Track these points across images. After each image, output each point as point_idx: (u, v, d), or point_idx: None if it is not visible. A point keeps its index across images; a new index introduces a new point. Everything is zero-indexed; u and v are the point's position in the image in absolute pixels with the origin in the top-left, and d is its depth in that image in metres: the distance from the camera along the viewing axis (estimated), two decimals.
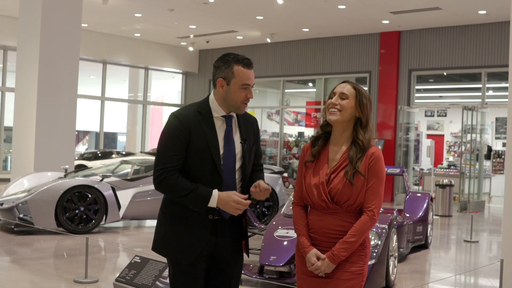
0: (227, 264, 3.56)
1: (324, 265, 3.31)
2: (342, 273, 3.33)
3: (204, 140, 3.41)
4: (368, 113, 3.40)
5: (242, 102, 3.49)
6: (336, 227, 3.34)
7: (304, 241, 3.40)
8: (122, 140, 32.83)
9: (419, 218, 9.62)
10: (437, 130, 24.87)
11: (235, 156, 3.49)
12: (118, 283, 5.96)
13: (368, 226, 3.30)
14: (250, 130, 3.61)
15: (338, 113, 3.37)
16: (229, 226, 3.52)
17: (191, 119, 3.43)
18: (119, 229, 10.95)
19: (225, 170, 3.44)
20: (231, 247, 3.54)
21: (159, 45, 23.38)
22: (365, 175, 3.30)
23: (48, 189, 9.83)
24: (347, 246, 3.28)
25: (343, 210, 3.34)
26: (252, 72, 3.52)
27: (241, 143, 3.52)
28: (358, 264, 3.33)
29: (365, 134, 3.37)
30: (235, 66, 3.45)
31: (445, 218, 14.42)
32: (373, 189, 3.30)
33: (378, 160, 3.34)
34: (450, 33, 17.92)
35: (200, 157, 3.41)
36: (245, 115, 3.63)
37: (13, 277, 7.22)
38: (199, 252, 3.44)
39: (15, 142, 12.89)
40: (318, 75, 20.98)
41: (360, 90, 3.42)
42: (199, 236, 3.44)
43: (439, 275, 8.24)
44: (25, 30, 12.76)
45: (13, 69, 14.84)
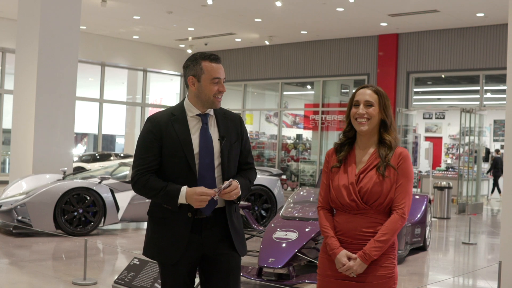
0: (220, 263, 3.55)
1: (356, 264, 3.27)
2: (369, 277, 3.29)
3: (176, 139, 3.48)
4: (391, 113, 3.45)
5: (214, 96, 3.53)
6: (365, 228, 3.32)
7: (333, 242, 3.37)
8: (120, 142, 32.81)
9: (418, 220, 9.62)
10: (435, 133, 24.91)
11: (212, 153, 3.51)
12: (116, 285, 5.97)
13: (399, 225, 3.27)
14: (232, 127, 3.62)
15: (367, 123, 3.39)
16: (212, 224, 3.52)
17: (162, 121, 3.51)
18: (117, 231, 10.95)
19: (202, 167, 3.48)
20: (219, 244, 3.53)
21: (158, 48, 23.39)
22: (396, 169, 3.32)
23: (47, 191, 9.83)
24: (379, 245, 3.25)
25: (372, 210, 3.32)
26: (221, 66, 3.57)
27: (219, 140, 3.54)
28: (389, 267, 3.31)
29: (391, 134, 3.40)
30: (203, 62, 3.53)
31: (443, 220, 14.42)
32: (403, 188, 3.30)
33: (406, 159, 3.35)
34: (448, 35, 17.95)
35: (174, 157, 3.48)
36: (226, 113, 3.66)
37: (11, 279, 7.22)
38: (182, 252, 3.46)
39: (14, 144, 12.88)
40: (316, 77, 20.99)
41: (382, 93, 3.45)
42: (181, 236, 3.47)
43: (437, 277, 8.25)
44: (24, 32, 12.76)
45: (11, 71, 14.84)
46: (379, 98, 3.41)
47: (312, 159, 20.99)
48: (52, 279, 7.21)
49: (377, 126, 3.42)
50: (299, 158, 21.24)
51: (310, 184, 20.12)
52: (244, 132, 3.68)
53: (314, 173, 20.58)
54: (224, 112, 3.66)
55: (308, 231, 7.02)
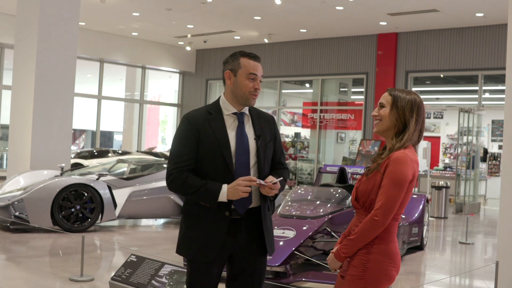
0: (248, 262, 3.58)
1: (329, 259, 3.36)
2: (346, 275, 3.32)
3: (214, 137, 3.49)
4: (407, 115, 3.34)
5: (250, 93, 3.55)
6: (354, 226, 3.35)
7: (340, 239, 3.46)
8: (118, 139, 32.79)
9: (415, 220, 9.62)
10: (433, 132, 24.91)
11: (248, 152, 3.53)
12: (113, 282, 5.96)
13: (368, 226, 3.20)
14: (266, 127, 3.65)
15: (378, 124, 3.40)
16: (247, 223, 3.55)
17: (200, 119, 3.53)
18: (114, 228, 10.94)
19: (238, 166, 3.50)
20: (251, 244, 3.56)
21: (157, 44, 23.37)
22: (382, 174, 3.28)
23: (44, 187, 9.82)
24: (346, 244, 3.27)
25: (362, 209, 3.34)
26: (259, 65, 3.59)
27: (255, 139, 3.56)
28: (358, 268, 3.26)
29: (399, 141, 3.32)
30: (242, 58, 3.56)
31: (441, 220, 14.44)
32: (383, 190, 3.22)
33: (395, 162, 3.24)
34: (447, 35, 17.95)
35: (211, 155, 3.50)
36: (260, 113, 3.70)
37: (8, 275, 7.21)
38: (218, 251, 3.49)
39: (11, 140, 12.87)
40: (315, 76, 20.99)
41: (397, 95, 3.37)
42: (217, 235, 3.49)
43: (434, 276, 8.25)
44: (22, 27, 12.74)
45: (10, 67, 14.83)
46: (393, 100, 3.35)
47: (310, 157, 20.99)
48: (49, 275, 7.21)
49: (393, 129, 3.37)
50: (297, 156, 21.24)
51: (308, 182, 20.11)
52: (277, 133, 3.72)
53: (312, 172, 20.57)
54: (258, 112, 3.70)
55: (306, 230, 7.02)
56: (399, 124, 3.35)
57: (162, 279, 5.62)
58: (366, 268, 3.24)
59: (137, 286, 5.71)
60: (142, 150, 23.12)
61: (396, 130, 3.36)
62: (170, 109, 27.81)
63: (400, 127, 3.35)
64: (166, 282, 5.57)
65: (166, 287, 5.52)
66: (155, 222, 11.99)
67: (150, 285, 5.62)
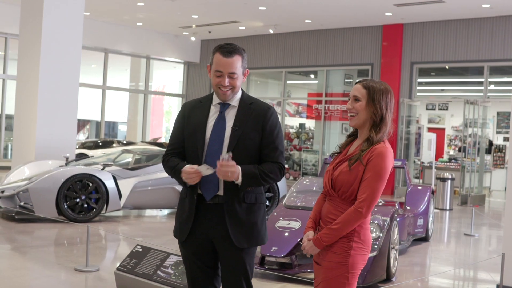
0: (221, 251, 3.63)
1: (308, 246, 3.43)
2: (324, 262, 3.40)
3: (194, 124, 3.63)
4: (383, 108, 3.41)
5: (218, 88, 3.59)
6: (330, 214, 3.42)
7: (308, 222, 3.56)
8: (122, 129, 32.82)
9: (420, 211, 9.62)
10: (438, 124, 24.86)
11: (222, 141, 3.56)
12: (119, 272, 5.96)
13: (352, 218, 3.30)
14: (252, 118, 3.61)
15: (355, 118, 3.45)
16: (213, 210, 3.59)
17: (189, 107, 3.74)
18: (119, 218, 10.95)
19: (209, 153, 3.57)
20: (219, 231, 3.59)
21: (161, 35, 23.33)
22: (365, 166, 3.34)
23: (49, 177, 9.82)
24: (328, 232, 3.34)
25: (339, 198, 3.40)
26: (229, 60, 3.57)
27: (232, 128, 3.57)
28: (341, 254, 3.34)
29: (377, 133, 3.39)
30: (216, 54, 3.62)
31: (446, 212, 14.43)
32: (367, 183, 3.31)
33: (379, 155, 3.33)
34: (453, 26, 17.88)
35: (188, 140, 3.65)
36: (253, 104, 3.67)
37: (13, 264, 7.22)
38: (188, 232, 3.61)
39: (16, 130, 12.87)
40: (320, 66, 20.94)
41: (372, 87, 3.43)
42: (188, 216, 3.62)
43: (439, 268, 8.24)
44: (27, 17, 12.72)
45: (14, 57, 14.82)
46: (368, 93, 3.42)
47: (314, 148, 20.99)
48: (54, 265, 7.22)
49: (369, 121, 3.43)
50: (302, 147, 21.22)
51: (312, 173, 20.11)
52: (269, 125, 3.62)
53: (317, 163, 20.57)
54: (251, 103, 3.67)
55: None
56: (375, 118, 3.41)
57: (167, 269, 5.63)
58: (349, 255, 3.35)
59: (142, 276, 5.72)
60: (147, 140, 23.14)
61: (372, 123, 3.43)
62: (175, 100, 27.79)
63: (377, 120, 3.41)
64: (171, 273, 5.57)
65: (172, 277, 5.52)
66: (159, 212, 12.00)
67: (156, 276, 5.63)
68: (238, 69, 3.59)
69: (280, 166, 3.64)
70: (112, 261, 7.79)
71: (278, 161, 3.64)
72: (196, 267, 3.69)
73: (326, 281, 3.38)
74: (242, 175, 3.47)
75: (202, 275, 3.70)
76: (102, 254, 8.11)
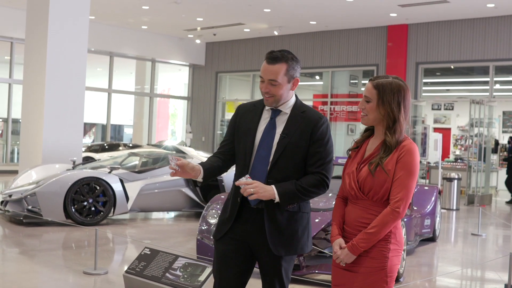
0: (260, 257, 3.61)
1: (343, 254, 3.30)
2: (361, 268, 3.29)
3: (245, 127, 3.63)
4: (395, 110, 3.31)
5: (263, 93, 3.60)
6: (361, 218, 3.31)
7: (333, 229, 3.43)
8: (128, 132, 32.87)
9: (427, 212, 9.61)
10: (443, 124, 24.81)
11: (270, 148, 3.53)
12: (128, 275, 5.98)
13: (390, 219, 3.21)
14: (301, 126, 3.54)
15: (366, 117, 3.38)
16: (255, 215, 3.56)
17: (244, 110, 3.75)
18: (126, 221, 10.97)
19: (257, 159, 3.55)
20: (259, 237, 3.56)
21: (166, 38, 23.37)
22: (390, 170, 3.25)
23: (57, 181, 9.86)
24: (366, 237, 3.23)
25: (369, 200, 3.30)
26: (270, 67, 3.54)
27: (280, 135, 3.54)
28: (380, 259, 3.26)
29: (392, 136, 3.30)
30: (264, 61, 3.60)
31: (452, 212, 14.41)
32: (400, 182, 3.22)
33: (408, 152, 3.26)
34: (458, 26, 17.87)
35: (238, 143, 3.67)
36: (305, 112, 3.60)
37: (22, 268, 7.24)
38: (225, 232, 3.61)
39: (23, 134, 12.91)
40: (325, 68, 20.95)
41: (383, 87, 3.33)
42: (229, 217, 3.62)
43: (447, 268, 8.24)
44: (33, 22, 12.77)
45: (20, 62, 14.86)
46: (379, 94, 3.32)
47: None
48: (63, 269, 7.24)
49: (383, 121, 3.34)
50: None
51: None
52: (318, 134, 3.54)
53: None
54: (303, 111, 3.61)
55: (319, 222, 7.02)
56: (388, 120, 3.32)
57: (176, 272, 5.63)
58: (387, 258, 3.26)
59: (151, 279, 5.73)
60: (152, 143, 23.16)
61: (386, 125, 3.33)
62: (180, 102, 27.82)
63: (390, 122, 3.32)
64: (180, 275, 5.58)
65: (180, 279, 5.53)
66: (166, 215, 12.02)
67: (165, 278, 5.64)
68: (281, 77, 3.52)
69: (323, 178, 3.52)
70: (120, 263, 7.81)
71: (320, 172, 3.52)
72: (226, 266, 3.63)
73: (364, 287, 3.29)
74: (279, 194, 3.41)
75: (230, 275, 3.64)
76: (110, 257, 8.13)
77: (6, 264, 7.64)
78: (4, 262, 7.71)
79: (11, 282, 6.54)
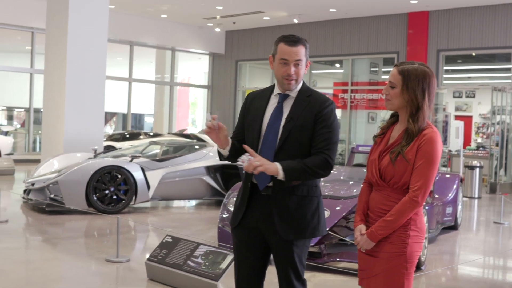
0: (271, 241, 3.61)
1: (363, 240, 3.36)
2: (380, 253, 3.33)
3: (253, 114, 3.67)
4: (419, 96, 3.28)
5: (283, 77, 3.58)
6: (381, 205, 3.34)
7: (356, 216, 3.49)
8: (149, 121, 32.99)
9: (449, 200, 9.55)
10: (465, 111, 24.64)
11: (277, 132, 3.55)
12: (150, 263, 6.02)
13: (408, 207, 3.22)
14: (307, 110, 3.56)
15: (389, 102, 3.37)
16: (266, 199, 3.57)
17: (253, 97, 3.80)
18: (148, 209, 11.03)
19: (264, 143, 3.58)
20: (266, 223, 3.57)
21: (186, 26, 23.37)
22: (411, 158, 3.24)
23: (79, 170, 9.92)
24: (383, 225, 3.27)
25: (390, 188, 3.32)
26: (294, 49, 3.55)
27: (285, 119, 3.57)
28: (399, 244, 3.28)
29: (415, 124, 3.28)
30: (280, 44, 3.59)
31: (474, 200, 14.32)
32: (420, 171, 3.22)
33: (429, 141, 3.24)
34: (479, 12, 17.69)
35: (247, 129, 3.71)
36: (311, 96, 3.62)
37: (45, 256, 7.31)
38: (239, 219, 3.64)
39: (45, 124, 13.01)
40: (345, 55, 20.85)
41: (408, 73, 3.30)
42: (241, 204, 3.65)
43: (468, 256, 8.20)
44: (53, 12, 12.83)
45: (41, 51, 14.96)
46: (403, 80, 3.30)
47: (341, 138, 20.90)
48: (85, 257, 7.30)
49: (407, 107, 3.33)
50: None
51: (339, 163, 20.05)
52: (322, 116, 3.54)
53: (344, 152, 20.51)
54: (309, 95, 3.63)
55: (339, 210, 7.01)
56: (411, 106, 3.30)
57: (197, 259, 5.66)
58: (406, 244, 3.29)
59: (173, 266, 5.77)
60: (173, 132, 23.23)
61: (409, 112, 3.32)
62: (200, 91, 27.85)
63: (413, 109, 3.30)
64: (201, 263, 5.61)
65: (202, 267, 5.56)
66: (187, 203, 12.06)
67: (186, 266, 5.67)
68: (303, 58, 3.59)
69: (326, 159, 3.50)
70: (142, 251, 7.86)
71: (324, 152, 3.51)
72: (242, 255, 3.69)
73: (384, 272, 3.31)
74: (283, 168, 3.40)
75: (248, 263, 3.68)
76: (132, 244, 8.18)
77: (29, 252, 7.72)
78: (27, 250, 7.79)
79: (34, 270, 6.62)
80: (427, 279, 6.81)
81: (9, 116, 29.16)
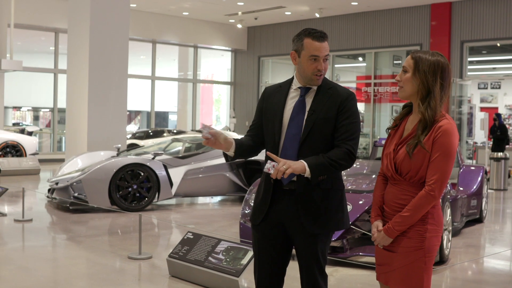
0: (295, 235, 3.59)
1: (380, 237, 3.30)
2: (399, 248, 3.27)
3: (272, 109, 3.64)
4: (430, 80, 3.21)
5: (313, 73, 3.55)
6: (398, 199, 3.28)
7: (372, 211, 3.43)
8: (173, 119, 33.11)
9: (473, 192, 9.46)
10: (490, 103, 24.39)
11: (301, 126, 3.53)
12: (171, 259, 6.03)
13: (424, 202, 3.16)
14: (330, 102, 3.54)
15: (402, 89, 3.29)
16: (290, 194, 3.54)
17: (269, 91, 3.77)
18: (171, 206, 11.06)
19: (287, 137, 3.55)
20: (291, 217, 3.55)
21: (208, 23, 23.41)
22: (428, 149, 3.17)
23: (102, 168, 9.98)
24: (400, 221, 3.21)
25: (406, 182, 3.26)
26: (323, 44, 3.54)
27: (308, 112, 3.55)
28: (416, 239, 3.23)
29: (427, 109, 3.19)
30: (305, 39, 3.55)
31: (500, 192, 14.17)
32: (436, 164, 3.15)
33: (445, 133, 3.16)
34: (504, 1, 17.47)
35: (267, 124, 3.66)
36: (332, 88, 3.60)
37: (69, 254, 7.37)
38: (263, 216, 3.61)
39: (69, 123, 13.10)
40: (368, 49, 20.74)
41: (420, 58, 3.24)
42: (265, 200, 3.62)
43: (494, 249, 8.11)
44: (75, 12, 12.91)
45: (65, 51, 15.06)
46: (415, 63, 3.24)
47: (365, 131, 20.82)
48: (108, 254, 7.33)
49: (416, 95, 3.26)
50: None
51: (363, 157, 19.95)
52: (344, 109, 3.53)
53: (367, 146, 20.41)
54: (330, 87, 3.61)
55: (362, 204, 6.97)
56: (422, 89, 3.22)
57: (219, 255, 5.66)
58: (424, 238, 3.23)
59: (194, 263, 5.77)
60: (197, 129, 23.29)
61: (420, 96, 3.24)
62: (224, 88, 27.89)
63: (423, 92, 3.22)
64: (223, 259, 5.60)
65: (223, 263, 5.56)
66: (211, 200, 12.07)
67: (207, 262, 5.67)
68: (329, 53, 3.63)
69: (349, 149, 3.49)
70: (164, 248, 7.87)
71: (346, 144, 3.50)
72: (265, 251, 3.66)
73: (403, 267, 3.27)
74: (309, 166, 3.38)
75: (269, 259, 3.66)
76: (155, 242, 8.21)
77: (54, 250, 7.78)
78: (52, 248, 7.85)
79: (59, 267, 6.67)
80: (452, 272, 6.75)
81: (35, 117, 29.48)
